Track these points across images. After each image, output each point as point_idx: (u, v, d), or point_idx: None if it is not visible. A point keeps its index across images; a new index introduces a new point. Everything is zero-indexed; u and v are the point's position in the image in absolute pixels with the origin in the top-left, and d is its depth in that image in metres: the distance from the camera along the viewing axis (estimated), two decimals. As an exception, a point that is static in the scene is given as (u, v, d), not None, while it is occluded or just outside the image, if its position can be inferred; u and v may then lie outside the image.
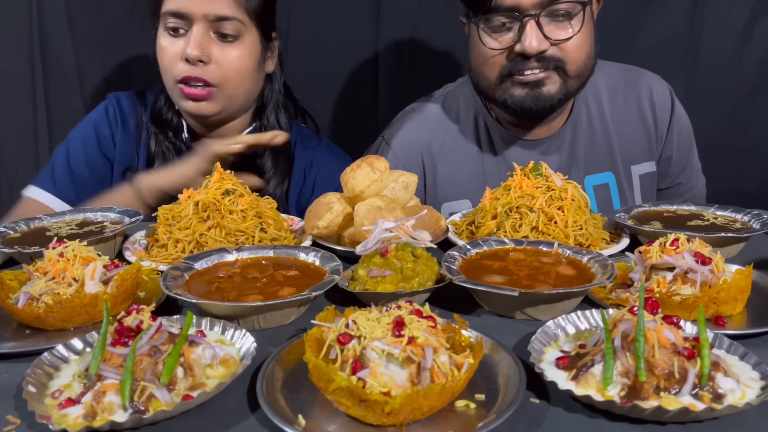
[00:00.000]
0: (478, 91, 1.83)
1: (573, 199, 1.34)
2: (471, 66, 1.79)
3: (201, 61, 1.72)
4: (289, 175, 1.94)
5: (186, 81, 1.74)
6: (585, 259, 1.15)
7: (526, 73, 1.65)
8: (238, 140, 1.72)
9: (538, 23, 1.58)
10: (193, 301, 0.99)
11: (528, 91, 1.67)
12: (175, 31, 1.75)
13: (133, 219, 1.44)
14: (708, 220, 1.42)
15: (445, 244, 1.34)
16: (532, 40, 1.58)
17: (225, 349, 0.89)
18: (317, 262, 1.17)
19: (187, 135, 1.91)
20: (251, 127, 1.94)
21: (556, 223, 1.32)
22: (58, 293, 1.01)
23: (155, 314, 0.87)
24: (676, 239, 1.06)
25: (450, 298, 1.10)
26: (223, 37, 1.75)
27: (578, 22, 1.62)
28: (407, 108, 2.04)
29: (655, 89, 1.92)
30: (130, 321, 0.83)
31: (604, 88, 1.91)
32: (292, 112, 2.04)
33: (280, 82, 1.97)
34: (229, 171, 1.39)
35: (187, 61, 1.72)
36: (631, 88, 1.92)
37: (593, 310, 0.97)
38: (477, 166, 1.91)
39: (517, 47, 1.61)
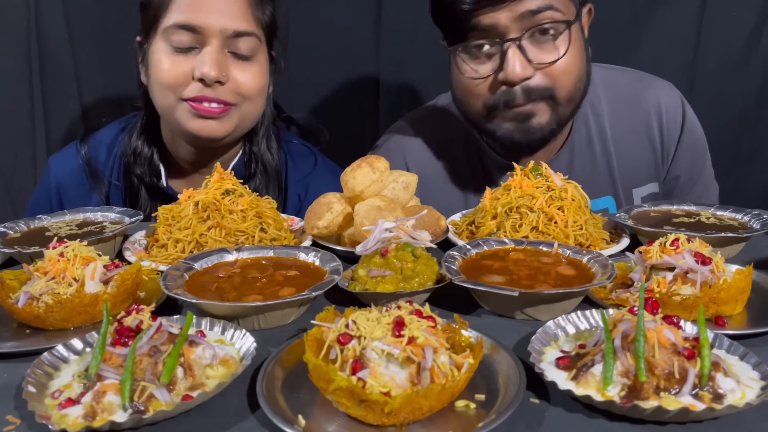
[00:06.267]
0: (468, 121, 1.72)
1: (573, 199, 1.34)
2: (454, 95, 1.69)
3: (218, 81, 1.57)
4: (283, 196, 1.84)
5: (196, 99, 1.58)
6: (585, 259, 1.15)
7: (513, 106, 1.54)
8: None
9: (520, 47, 1.48)
10: (193, 301, 0.99)
11: (517, 125, 1.57)
12: (181, 48, 1.57)
13: (133, 219, 1.44)
14: (708, 219, 1.42)
15: (445, 244, 1.34)
16: (515, 67, 1.48)
17: (225, 349, 0.89)
18: (317, 262, 1.17)
19: (165, 184, 1.77)
20: (239, 155, 1.82)
21: (556, 223, 1.32)
22: (59, 293, 1.01)
23: (155, 314, 0.87)
24: (676, 239, 1.06)
25: (450, 298, 1.10)
26: (239, 55, 1.60)
27: (564, 42, 1.50)
28: (394, 126, 1.94)
29: (665, 102, 1.78)
30: (130, 321, 0.83)
31: (606, 105, 1.78)
32: (282, 128, 1.93)
33: (271, 105, 1.83)
34: (229, 171, 1.39)
35: (201, 80, 1.55)
36: (637, 104, 1.78)
37: (593, 310, 0.97)
38: (469, 195, 1.81)
39: (501, 75, 1.51)
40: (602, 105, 1.78)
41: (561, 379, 0.81)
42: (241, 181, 1.39)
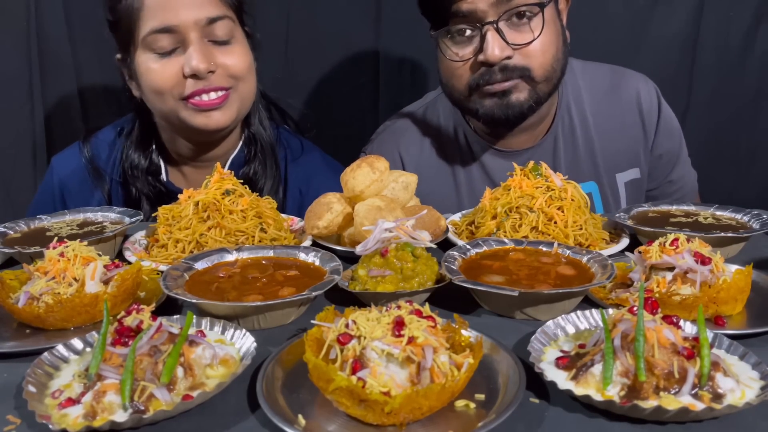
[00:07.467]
0: (453, 103, 1.81)
1: (573, 199, 1.34)
2: (441, 79, 1.78)
3: (209, 71, 1.59)
4: (284, 186, 1.85)
5: (194, 95, 1.61)
6: (585, 259, 1.15)
7: (493, 84, 1.63)
8: None
9: (498, 30, 1.57)
10: (193, 301, 0.99)
11: (496, 101, 1.66)
12: (165, 52, 1.59)
13: (133, 219, 1.44)
14: (707, 219, 1.42)
15: (445, 244, 1.34)
16: (494, 49, 1.57)
17: (225, 349, 0.89)
18: (317, 262, 1.17)
19: (165, 178, 1.80)
20: (242, 141, 1.84)
21: (555, 223, 1.32)
22: (59, 293, 1.01)
23: (155, 314, 0.87)
24: (676, 239, 1.06)
25: (450, 298, 1.10)
26: (219, 41, 1.63)
27: (539, 24, 1.59)
28: (387, 122, 2.02)
29: (642, 91, 1.89)
30: (130, 321, 0.83)
31: (587, 93, 1.88)
32: (275, 115, 1.95)
33: (258, 84, 1.83)
34: (229, 171, 1.39)
35: (193, 76, 1.59)
36: (616, 91, 1.89)
37: (593, 310, 0.97)
38: (460, 181, 1.89)
39: (480, 57, 1.60)
40: (583, 93, 1.89)
41: (561, 379, 0.81)
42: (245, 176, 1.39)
